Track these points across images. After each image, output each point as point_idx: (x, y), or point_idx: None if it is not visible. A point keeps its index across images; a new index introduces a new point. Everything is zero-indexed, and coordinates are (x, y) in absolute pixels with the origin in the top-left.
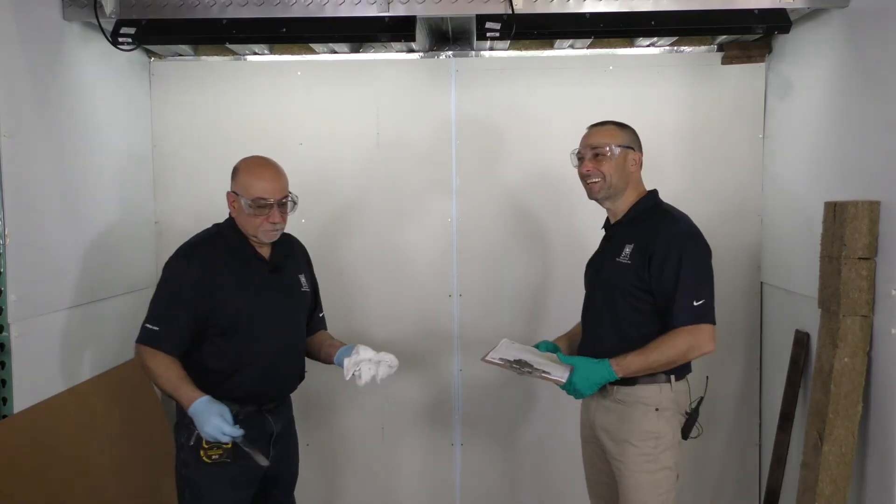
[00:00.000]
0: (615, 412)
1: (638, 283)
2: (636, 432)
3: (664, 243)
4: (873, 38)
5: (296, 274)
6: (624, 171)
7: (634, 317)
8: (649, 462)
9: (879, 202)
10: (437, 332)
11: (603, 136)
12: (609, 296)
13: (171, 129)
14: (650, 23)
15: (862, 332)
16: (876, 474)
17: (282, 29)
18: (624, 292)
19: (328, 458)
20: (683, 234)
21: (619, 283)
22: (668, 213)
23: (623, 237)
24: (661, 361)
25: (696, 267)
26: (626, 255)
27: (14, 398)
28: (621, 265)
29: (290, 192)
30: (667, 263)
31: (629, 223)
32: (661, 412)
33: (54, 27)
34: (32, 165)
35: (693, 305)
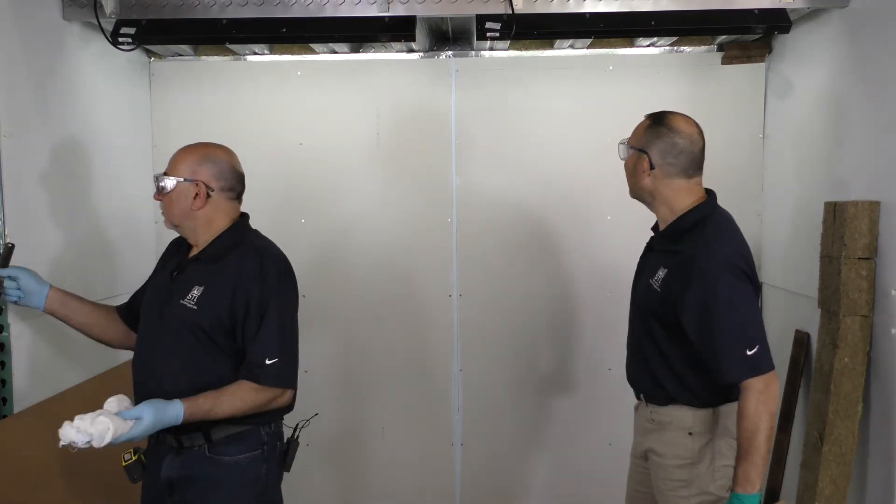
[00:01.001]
0: (652, 434)
1: (670, 317)
2: (671, 456)
3: (696, 286)
4: (873, 38)
5: (193, 284)
6: (635, 176)
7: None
8: (682, 487)
9: (879, 202)
10: (437, 332)
11: (633, 132)
12: (644, 319)
13: (171, 129)
14: (650, 23)
15: (862, 332)
16: (876, 474)
17: (282, 29)
18: (659, 321)
19: (328, 458)
20: (718, 272)
21: (651, 310)
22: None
23: (660, 255)
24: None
25: (735, 312)
26: (658, 279)
27: (14, 398)
28: (653, 291)
29: (170, 176)
30: (701, 313)
31: (668, 239)
32: (696, 436)
33: (54, 27)
34: (32, 165)
35: (747, 356)
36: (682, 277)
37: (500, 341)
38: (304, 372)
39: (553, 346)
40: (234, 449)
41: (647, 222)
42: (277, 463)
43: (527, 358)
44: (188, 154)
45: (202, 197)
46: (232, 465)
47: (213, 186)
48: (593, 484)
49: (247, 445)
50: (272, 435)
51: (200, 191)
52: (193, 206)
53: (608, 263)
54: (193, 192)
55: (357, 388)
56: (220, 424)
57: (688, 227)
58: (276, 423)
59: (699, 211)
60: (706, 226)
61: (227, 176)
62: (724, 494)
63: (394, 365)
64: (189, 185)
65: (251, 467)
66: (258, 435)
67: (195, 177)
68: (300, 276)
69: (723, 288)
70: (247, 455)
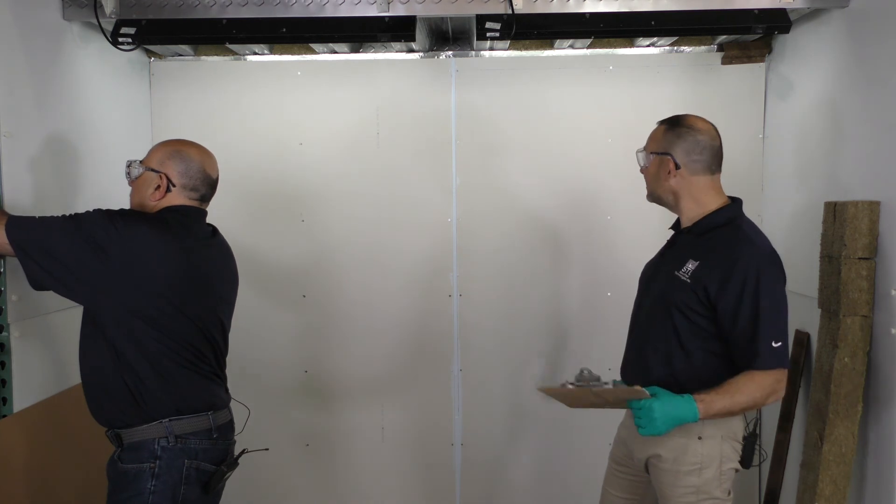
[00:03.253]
0: (656, 439)
1: (697, 307)
2: (679, 462)
3: (740, 273)
4: (873, 38)
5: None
6: (658, 181)
7: (696, 341)
8: (691, 494)
9: (879, 202)
10: (437, 332)
11: (649, 139)
12: (665, 312)
13: (171, 129)
14: (650, 23)
15: (862, 332)
16: (876, 474)
17: (282, 29)
18: (683, 313)
19: (328, 458)
20: (761, 263)
21: (676, 302)
22: (747, 235)
23: (687, 249)
24: (742, 405)
25: (776, 303)
26: (686, 271)
27: (14, 398)
28: (680, 282)
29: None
30: (744, 298)
31: (697, 236)
32: (706, 440)
33: (54, 27)
34: (32, 165)
35: (773, 348)
36: (722, 268)
37: (500, 341)
38: (304, 372)
39: (553, 346)
40: (129, 457)
41: (647, 222)
42: (178, 483)
43: (527, 358)
44: (164, 146)
45: (162, 190)
46: (121, 473)
47: (176, 182)
48: (593, 484)
49: (138, 456)
50: (171, 450)
51: (162, 183)
52: (152, 197)
53: (608, 263)
54: (155, 184)
55: (357, 388)
56: (128, 430)
57: (720, 224)
58: (179, 438)
59: (730, 211)
60: (741, 225)
61: (194, 176)
62: (728, 498)
63: (394, 365)
64: (153, 176)
65: (136, 479)
66: (151, 448)
67: (161, 168)
68: (300, 275)
69: (770, 279)
70: (134, 466)
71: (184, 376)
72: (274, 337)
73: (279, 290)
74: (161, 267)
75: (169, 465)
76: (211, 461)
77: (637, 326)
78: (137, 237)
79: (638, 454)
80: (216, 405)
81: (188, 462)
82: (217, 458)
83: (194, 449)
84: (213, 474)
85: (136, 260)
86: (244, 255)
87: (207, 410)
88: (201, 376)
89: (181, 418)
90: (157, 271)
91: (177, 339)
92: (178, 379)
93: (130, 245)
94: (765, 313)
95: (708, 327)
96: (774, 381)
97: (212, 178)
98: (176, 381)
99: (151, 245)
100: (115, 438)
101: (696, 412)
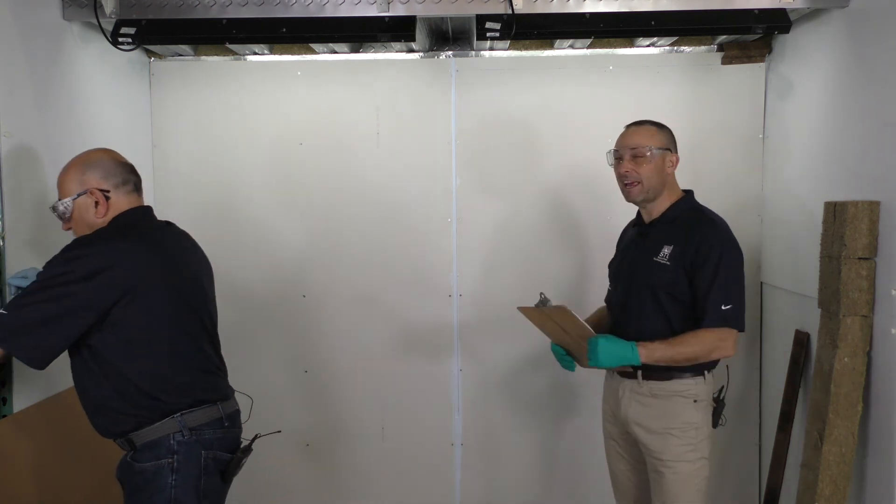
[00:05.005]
0: (652, 406)
1: (677, 285)
2: (678, 423)
3: (705, 247)
4: (873, 38)
5: None
6: (661, 173)
7: (679, 317)
8: (690, 452)
9: (879, 202)
10: (437, 332)
11: (642, 137)
12: (652, 295)
13: (171, 129)
14: (650, 23)
15: (862, 332)
16: (876, 474)
17: (282, 29)
18: (666, 292)
19: (328, 458)
20: (723, 240)
21: (659, 283)
22: (709, 217)
23: (661, 238)
24: (684, 355)
25: (731, 273)
26: (664, 255)
27: (14, 398)
28: (660, 265)
29: (62, 199)
30: (705, 267)
31: (667, 224)
32: (699, 403)
33: (54, 27)
34: (32, 165)
35: (721, 309)
36: (694, 246)
37: (500, 341)
38: (304, 372)
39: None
40: (145, 456)
41: None
42: (199, 474)
43: (527, 358)
44: (68, 171)
45: (102, 202)
46: (138, 473)
47: (107, 187)
48: (593, 483)
49: (155, 454)
50: (186, 444)
51: (98, 197)
52: (98, 214)
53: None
54: (93, 202)
55: (357, 388)
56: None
57: (686, 211)
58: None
59: (691, 199)
60: (702, 210)
61: (113, 170)
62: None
63: (394, 364)
64: (84, 199)
65: (156, 477)
66: (167, 444)
67: (84, 186)
68: (300, 275)
69: (729, 253)
70: (152, 464)
71: (189, 370)
72: (274, 337)
73: (279, 290)
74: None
75: (187, 458)
76: (225, 449)
77: (626, 314)
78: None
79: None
80: (225, 395)
81: (205, 453)
82: (230, 445)
83: (209, 439)
84: (230, 462)
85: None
86: (244, 255)
87: (216, 401)
88: (205, 370)
89: (193, 411)
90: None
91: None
92: (185, 375)
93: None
94: (720, 281)
95: (684, 307)
96: (717, 339)
97: (126, 162)
98: (183, 378)
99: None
100: (126, 443)
101: (636, 354)
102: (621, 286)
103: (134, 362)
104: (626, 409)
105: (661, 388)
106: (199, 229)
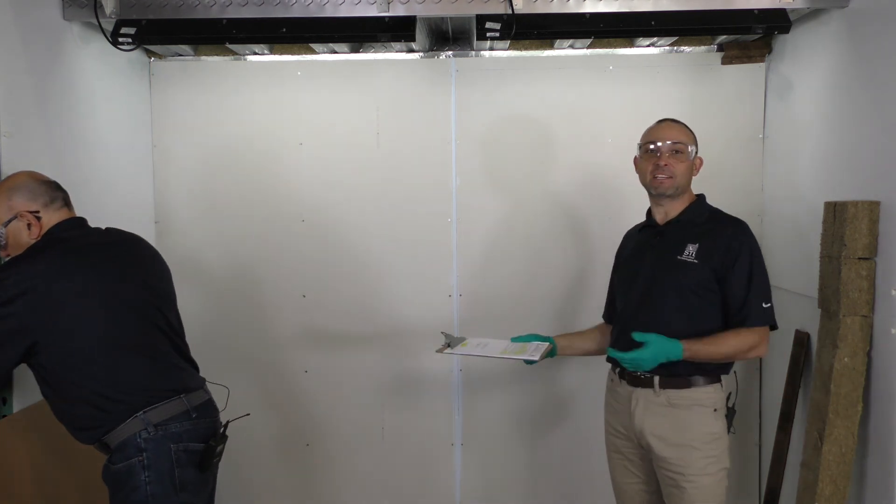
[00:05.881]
0: (670, 417)
1: (709, 284)
2: (699, 435)
3: (736, 245)
4: (873, 38)
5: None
6: (690, 174)
7: (707, 313)
8: (712, 464)
9: (879, 202)
10: (437, 332)
11: (683, 134)
12: (678, 294)
13: (171, 129)
14: (650, 23)
15: (862, 332)
16: (876, 474)
17: (282, 29)
18: (693, 291)
19: (328, 458)
20: (751, 239)
21: (686, 281)
22: (732, 217)
23: (681, 237)
24: (724, 354)
25: (762, 270)
26: (689, 253)
27: (14, 398)
28: (687, 264)
29: None
30: (737, 266)
31: (685, 224)
32: (719, 412)
33: (54, 27)
34: (32, 165)
35: (762, 308)
36: (731, 243)
37: None
38: (304, 372)
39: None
40: (117, 457)
41: None
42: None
43: None
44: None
45: (35, 225)
46: (114, 474)
47: (36, 208)
48: (593, 484)
49: (125, 454)
50: (153, 440)
51: (30, 219)
52: (31, 235)
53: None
54: (25, 225)
55: (357, 388)
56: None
57: (704, 212)
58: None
59: (705, 201)
60: (721, 211)
61: (38, 190)
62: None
63: (394, 364)
64: (16, 223)
65: (129, 476)
66: (135, 442)
67: (12, 212)
68: (300, 275)
69: (757, 250)
70: (124, 464)
71: (141, 370)
72: (274, 337)
73: (279, 289)
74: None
75: (156, 453)
76: (197, 440)
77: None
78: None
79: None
80: (188, 388)
81: (174, 446)
82: (202, 435)
83: (176, 433)
84: (204, 452)
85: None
86: (244, 255)
87: (179, 394)
88: (161, 365)
89: (155, 407)
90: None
91: (122, 339)
92: (136, 374)
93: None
94: (755, 278)
95: (716, 301)
96: (757, 338)
97: (50, 181)
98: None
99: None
100: (103, 447)
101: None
102: (636, 291)
103: (81, 372)
104: (640, 421)
105: (680, 396)
106: (199, 229)
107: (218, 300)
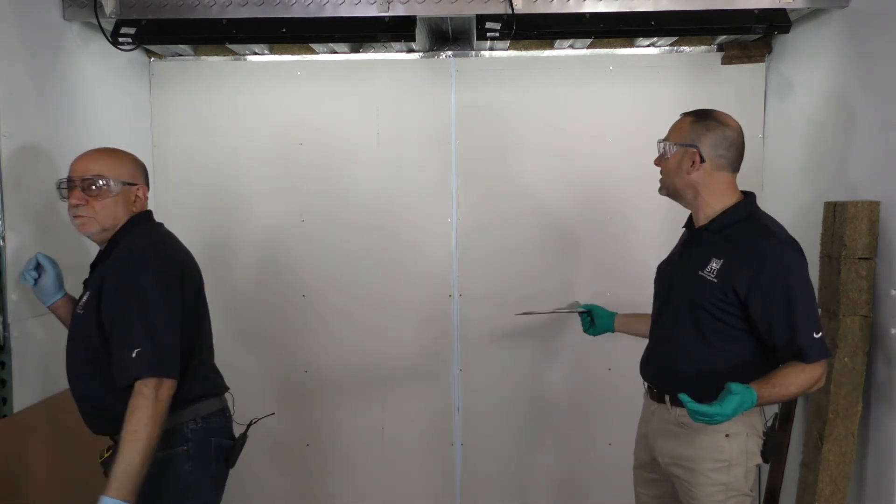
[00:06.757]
0: (681, 438)
1: (727, 307)
2: (707, 460)
3: (770, 267)
4: (873, 38)
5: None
6: (679, 173)
7: (720, 338)
8: (720, 492)
9: (879, 202)
10: (437, 333)
11: (670, 131)
12: (689, 312)
13: (171, 129)
14: (650, 23)
15: (862, 332)
16: (876, 474)
17: (282, 29)
18: (711, 313)
19: (328, 458)
20: (789, 255)
21: (699, 300)
22: (765, 226)
23: (709, 248)
24: (792, 395)
25: (806, 292)
26: (711, 270)
27: (14, 398)
28: (705, 281)
29: (103, 177)
30: (776, 292)
31: (716, 233)
32: (733, 437)
33: (54, 27)
34: (32, 165)
35: (814, 339)
36: (749, 265)
37: (500, 341)
38: (305, 372)
39: (553, 345)
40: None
41: (648, 222)
42: (210, 460)
43: (527, 358)
44: (123, 157)
45: (140, 201)
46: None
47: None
48: (593, 484)
49: (168, 443)
50: (199, 432)
51: (141, 195)
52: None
53: (609, 263)
54: (132, 197)
55: (357, 388)
56: None
57: (739, 219)
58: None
59: (747, 205)
60: (759, 218)
61: (146, 177)
62: (751, 494)
63: (394, 365)
64: (129, 189)
65: (171, 465)
66: (182, 432)
67: (136, 181)
68: (300, 275)
69: (795, 267)
70: (166, 452)
71: (205, 363)
72: (274, 337)
73: (279, 289)
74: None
75: (200, 445)
76: (227, 437)
77: (659, 327)
78: (167, 264)
79: (662, 455)
80: (222, 388)
81: (214, 440)
82: (230, 434)
83: (216, 428)
84: (232, 448)
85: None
86: (244, 255)
87: (219, 393)
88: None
89: (203, 401)
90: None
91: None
92: (202, 366)
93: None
94: (799, 306)
95: (736, 324)
96: (821, 370)
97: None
98: (202, 368)
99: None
100: None
101: (755, 398)
102: (657, 297)
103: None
104: (654, 437)
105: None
106: (199, 229)
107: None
